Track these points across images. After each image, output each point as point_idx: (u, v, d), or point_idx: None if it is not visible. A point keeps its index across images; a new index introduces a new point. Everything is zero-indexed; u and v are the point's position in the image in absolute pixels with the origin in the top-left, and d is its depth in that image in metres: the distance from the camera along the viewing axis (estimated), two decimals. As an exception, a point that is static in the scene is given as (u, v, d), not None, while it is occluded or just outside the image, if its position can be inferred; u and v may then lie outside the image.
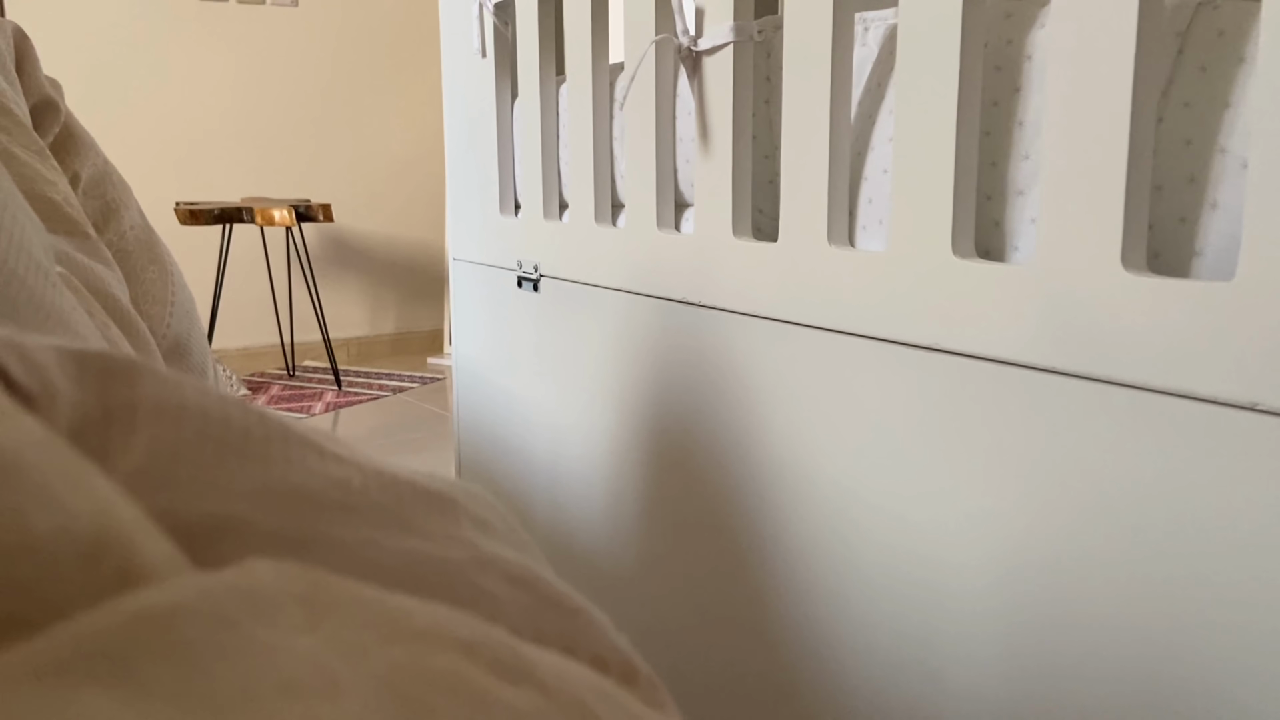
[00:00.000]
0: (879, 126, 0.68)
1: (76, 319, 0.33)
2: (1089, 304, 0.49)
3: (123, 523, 0.12)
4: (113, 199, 0.58)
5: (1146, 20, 0.46)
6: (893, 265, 0.60)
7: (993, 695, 0.57)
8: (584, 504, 0.97)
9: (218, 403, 0.16)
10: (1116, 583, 0.50)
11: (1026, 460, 0.54)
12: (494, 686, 0.13)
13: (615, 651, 0.18)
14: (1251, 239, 0.43)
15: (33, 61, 0.56)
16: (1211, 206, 0.51)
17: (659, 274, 0.81)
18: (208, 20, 2.74)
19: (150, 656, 0.10)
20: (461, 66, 1.14)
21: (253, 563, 0.12)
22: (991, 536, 0.56)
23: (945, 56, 0.55)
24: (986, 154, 0.61)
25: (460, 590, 0.16)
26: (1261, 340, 0.43)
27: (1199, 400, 0.45)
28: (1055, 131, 0.50)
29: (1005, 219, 0.61)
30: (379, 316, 3.13)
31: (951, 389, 0.57)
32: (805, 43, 0.65)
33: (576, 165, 0.91)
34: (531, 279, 1.02)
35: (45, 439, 0.12)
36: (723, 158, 0.73)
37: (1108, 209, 0.48)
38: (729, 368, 0.74)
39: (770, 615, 0.73)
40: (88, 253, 0.48)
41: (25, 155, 0.47)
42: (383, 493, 0.17)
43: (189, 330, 0.59)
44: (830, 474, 0.66)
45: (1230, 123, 0.50)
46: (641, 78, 0.80)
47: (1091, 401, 0.50)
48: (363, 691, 0.11)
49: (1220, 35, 0.51)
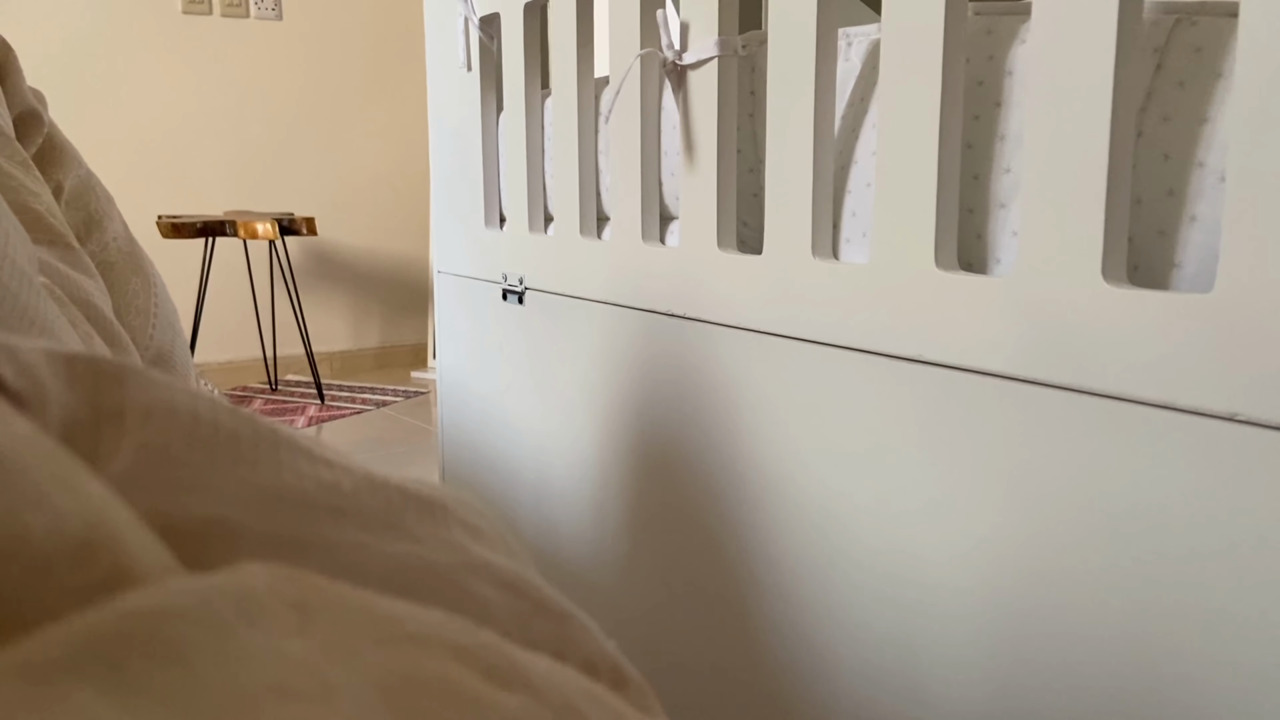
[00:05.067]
0: (862, 140, 0.69)
1: (60, 328, 0.32)
2: (1070, 315, 0.50)
3: (114, 524, 0.12)
4: (96, 210, 0.58)
5: (1125, 36, 0.47)
6: (876, 277, 0.60)
7: (975, 704, 0.57)
8: (569, 516, 0.97)
9: (207, 406, 0.16)
10: (1098, 592, 0.50)
11: (1009, 470, 0.54)
12: (486, 691, 0.13)
13: (605, 656, 0.18)
14: (1230, 251, 0.43)
15: (16, 72, 0.56)
16: (1190, 219, 0.52)
17: (644, 286, 0.81)
18: (192, 33, 2.74)
19: (142, 658, 0.10)
20: (447, 80, 1.14)
21: (244, 565, 0.12)
22: (974, 546, 0.56)
23: (927, 71, 0.56)
24: (968, 167, 0.62)
25: (451, 594, 0.16)
26: (1240, 351, 0.43)
27: (1178, 411, 0.46)
28: (1036, 145, 0.51)
29: (987, 231, 0.61)
30: (362, 330, 3.12)
31: (934, 400, 0.58)
32: (789, 57, 0.65)
33: (561, 178, 0.91)
34: (516, 291, 1.02)
35: (36, 439, 0.12)
36: (707, 171, 0.73)
37: (1088, 222, 0.48)
38: (713, 379, 0.75)
39: (755, 625, 0.73)
40: (70, 264, 0.48)
41: (9, 166, 0.47)
42: (373, 496, 0.17)
43: (172, 342, 0.58)
44: (814, 484, 0.67)
45: (1208, 137, 0.51)
46: (626, 91, 0.80)
47: (1072, 412, 0.50)
48: (354, 695, 0.11)
49: (1198, 51, 0.52)
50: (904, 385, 0.59)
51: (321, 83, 2.95)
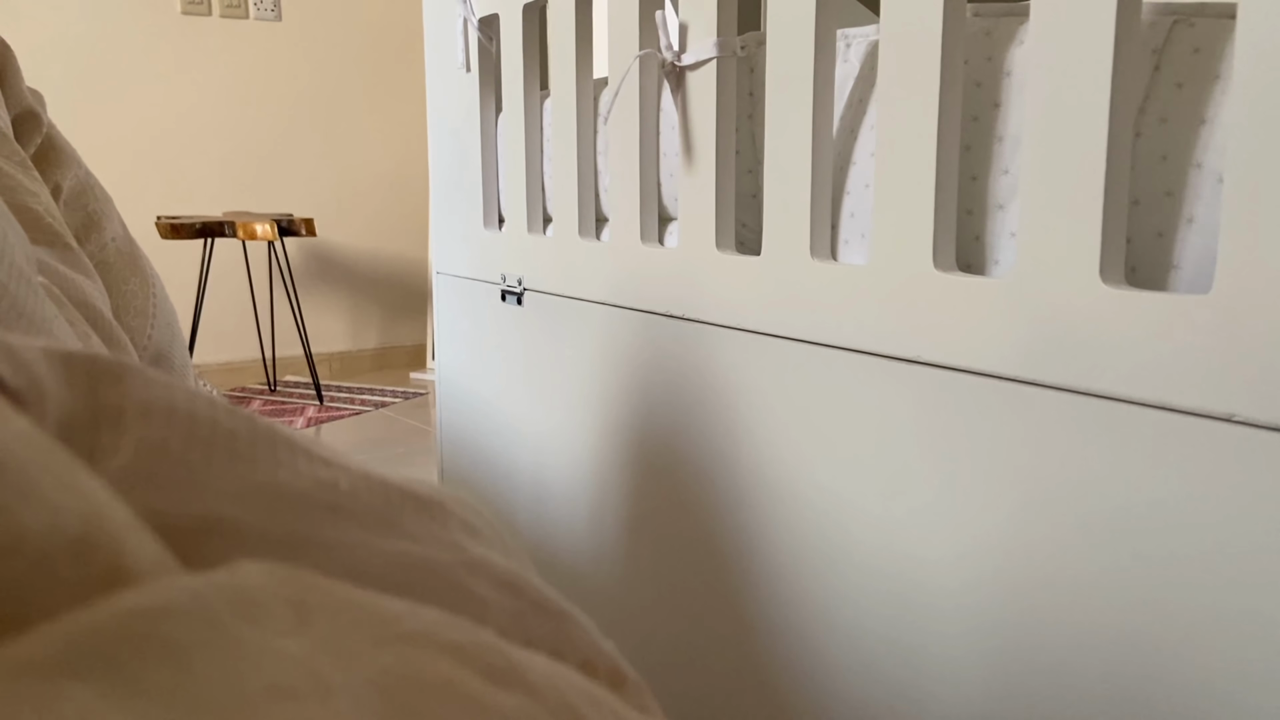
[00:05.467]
0: (861, 141, 0.69)
1: (58, 328, 0.32)
2: (1068, 317, 0.50)
3: (111, 522, 0.12)
4: (94, 211, 0.57)
5: (1124, 37, 0.47)
6: (874, 278, 0.60)
7: (973, 705, 0.57)
8: (568, 517, 0.97)
9: (205, 404, 0.16)
10: (1096, 593, 0.50)
11: (1007, 471, 0.54)
12: (485, 691, 0.13)
13: (603, 656, 0.18)
14: (1228, 253, 0.43)
15: (15, 72, 0.56)
16: (1188, 221, 0.52)
17: (643, 287, 0.81)
18: (191, 33, 2.74)
19: (140, 657, 0.10)
20: (446, 81, 1.14)
21: (242, 564, 0.12)
22: (972, 546, 0.56)
23: (926, 73, 0.56)
24: (967, 169, 0.62)
25: (449, 593, 0.16)
26: (1237, 352, 0.43)
27: (1176, 411, 0.46)
28: (1034, 146, 0.51)
29: (985, 233, 0.61)
30: (361, 331, 3.12)
31: (932, 401, 0.58)
32: (788, 58, 0.65)
33: (560, 179, 0.91)
34: (515, 292, 1.02)
35: (34, 437, 0.12)
36: (706, 172, 0.73)
37: (1086, 223, 0.49)
38: (712, 380, 0.75)
39: (753, 625, 0.73)
40: (69, 264, 0.48)
41: (7, 166, 0.47)
42: (371, 495, 0.17)
43: (170, 343, 0.58)
44: (813, 485, 0.67)
45: (1206, 138, 0.51)
46: (625, 92, 0.80)
47: (1070, 413, 0.50)
48: (353, 695, 0.11)
49: (1196, 52, 0.52)
50: (902, 386, 0.59)
51: (320, 84, 2.95)
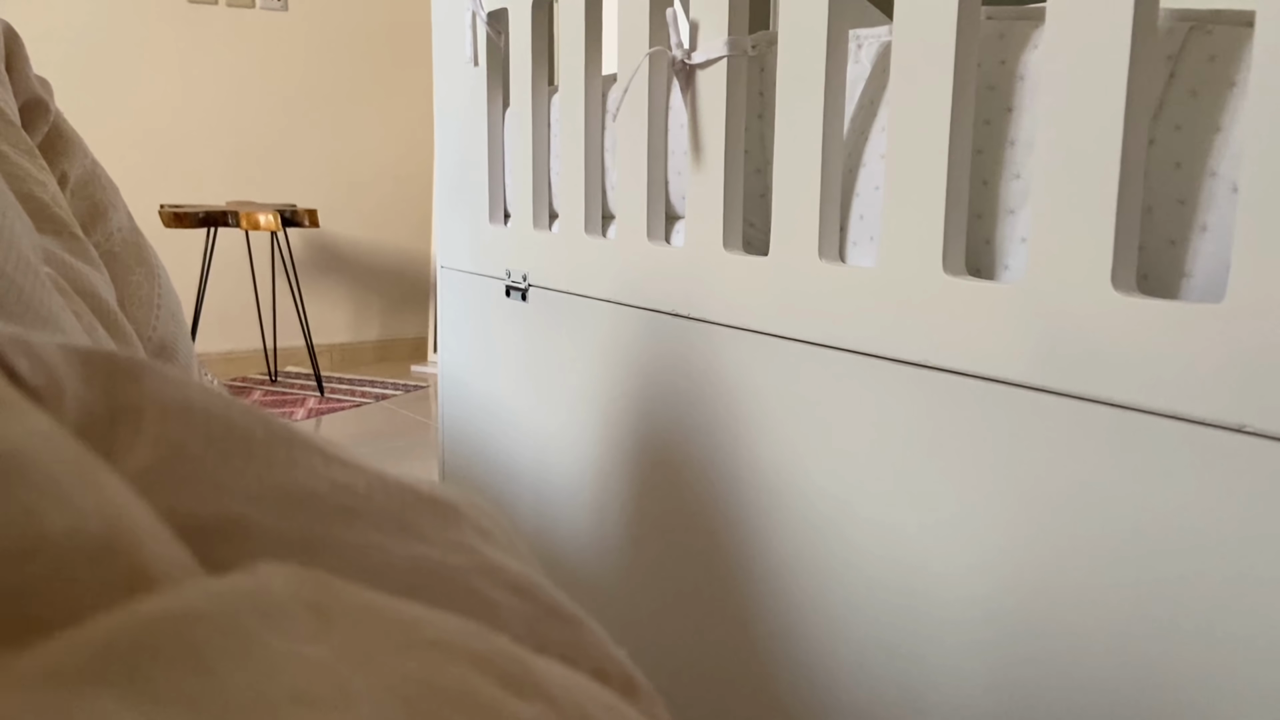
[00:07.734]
0: (871, 143, 0.69)
1: (65, 320, 0.32)
2: (1078, 323, 0.50)
3: (132, 523, 0.11)
4: (100, 200, 0.57)
5: (1139, 44, 0.47)
6: (883, 281, 0.60)
7: (977, 715, 0.57)
8: (569, 516, 0.97)
9: (221, 404, 0.16)
10: (1104, 603, 0.50)
11: (1015, 478, 0.54)
12: (504, 700, 0.13)
13: (616, 663, 0.18)
14: (1241, 262, 0.43)
15: (23, 60, 0.56)
16: (1201, 229, 0.52)
17: (649, 286, 0.81)
18: (196, 22, 2.73)
19: (163, 662, 0.10)
20: (453, 74, 1.14)
21: (261, 566, 0.12)
22: (979, 553, 0.56)
23: (939, 75, 0.55)
24: (978, 172, 0.62)
25: (464, 597, 0.16)
26: (1249, 363, 0.43)
27: (1187, 421, 0.46)
28: (1047, 151, 0.50)
29: (996, 237, 0.61)
30: (363, 323, 3.12)
31: (940, 406, 0.57)
32: (799, 58, 0.65)
33: (567, 175, 0.91)
34: (520, 288, 1.01)
35: (55, 435, 0.11)
36: (714, 171, 0.73)
37: (1098, 229, 0.48)
38: (718, 380, 0.74)
39: (756, 630, 0.73)
40: (75, 254, 0.47)
41: (15, 154, 0.47)
42: (387, 497, 0.17)
43: (175, 334, 0.58)
44: (818, 488, 0.67)
45: (1221, 146, 0.51)
46: (634, 89, 0.80)
47: (1079, 421, 0.50)
48: (374, 702, 0.11)
49: (1212, 60, 0.52)
50: (910, 390, 0.59)
51: (326, 74, 2.94)
